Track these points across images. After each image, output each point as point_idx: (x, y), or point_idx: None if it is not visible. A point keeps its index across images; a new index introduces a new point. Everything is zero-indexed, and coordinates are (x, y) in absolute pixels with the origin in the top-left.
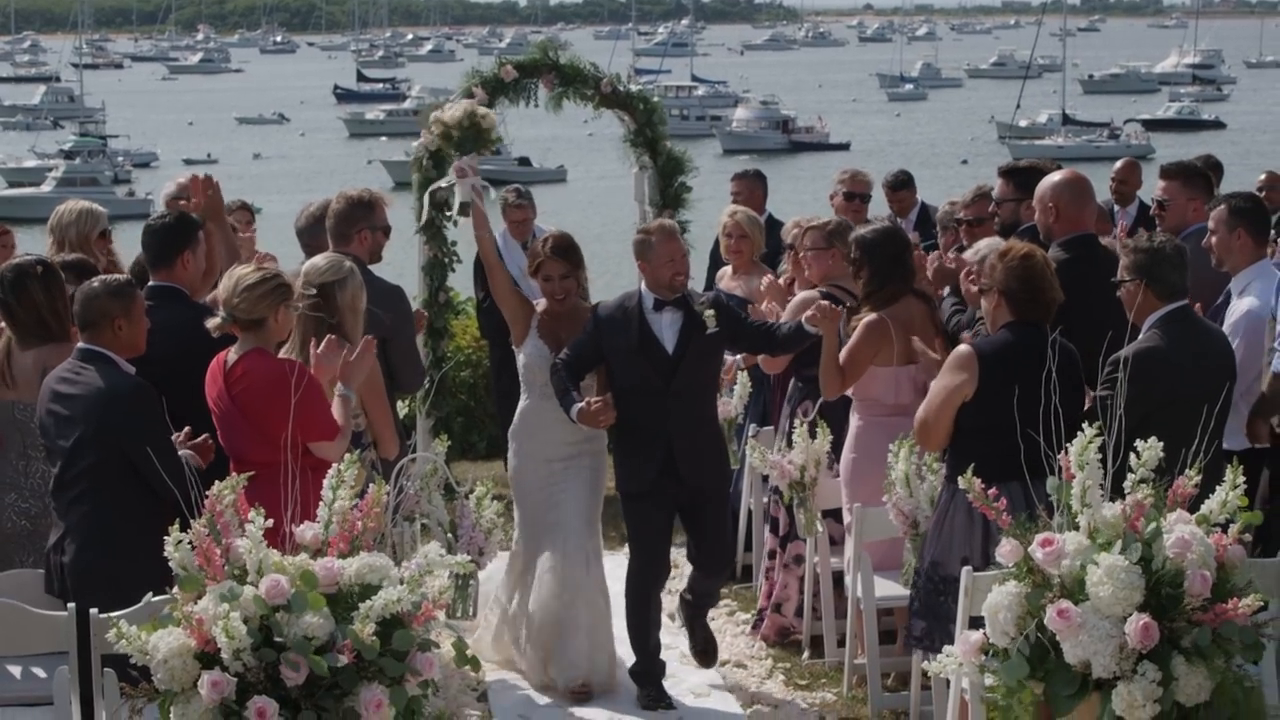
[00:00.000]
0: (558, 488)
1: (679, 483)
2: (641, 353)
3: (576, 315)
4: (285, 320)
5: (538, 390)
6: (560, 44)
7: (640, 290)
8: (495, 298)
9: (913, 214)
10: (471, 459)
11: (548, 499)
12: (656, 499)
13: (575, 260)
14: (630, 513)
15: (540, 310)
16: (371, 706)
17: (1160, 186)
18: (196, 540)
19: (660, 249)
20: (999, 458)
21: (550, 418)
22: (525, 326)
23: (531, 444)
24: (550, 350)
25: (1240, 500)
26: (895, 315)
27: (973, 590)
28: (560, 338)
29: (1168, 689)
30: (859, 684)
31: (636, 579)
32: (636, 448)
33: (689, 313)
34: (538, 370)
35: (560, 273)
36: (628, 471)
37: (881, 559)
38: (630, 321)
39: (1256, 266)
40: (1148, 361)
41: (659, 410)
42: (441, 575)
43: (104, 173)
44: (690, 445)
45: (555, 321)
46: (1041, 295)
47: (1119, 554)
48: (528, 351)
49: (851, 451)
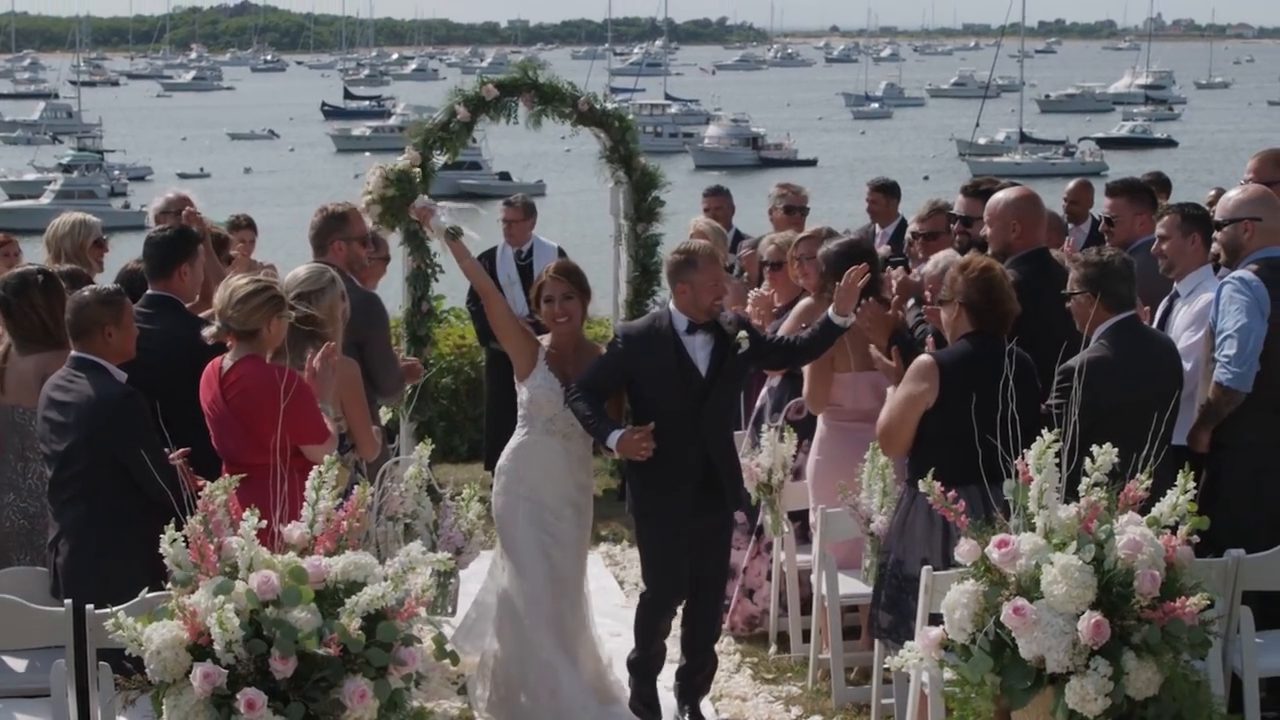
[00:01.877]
0: (548, 539)
1: (720, 501)
2: (679, 375)
3: (584, 349)
4: (278, 329)
5: (540, 425)
6: (539, 64)
7: (670, 311)
8: (494, 329)
9: (891, 226)
10: (453, 461)
11: (539, 547)
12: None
13: (577, 283)
14: (650, 535)
15: (548, 345)
16: (356, 697)
17: (1108, 204)
18: (191, 537)
19: (705, 273)
20: (958, 462)
21: (549, 456)
22: (530, 360)
23: (525, 484)
24: (561, 384)
25: (1190, 506)
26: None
27: (932, 588)
28: (569, 373)
29: (1118, 683)
30: (823, 678)
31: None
32: (672, 470)
33: (720, 335)
34: (544, 404)
35: (562, 293)
36: (659, 494)
37: (845, 558)
38: (665, 344)
39: (1204, 270)
40: (1096, 370)
41: (692, 432)
42: (423, 573)
43: (100, 186)
44: (728, 465)
45: (564, 357)
46: (1000, 307)
47: (1073, 554)
48: (534, 385)
49: (817, 454)
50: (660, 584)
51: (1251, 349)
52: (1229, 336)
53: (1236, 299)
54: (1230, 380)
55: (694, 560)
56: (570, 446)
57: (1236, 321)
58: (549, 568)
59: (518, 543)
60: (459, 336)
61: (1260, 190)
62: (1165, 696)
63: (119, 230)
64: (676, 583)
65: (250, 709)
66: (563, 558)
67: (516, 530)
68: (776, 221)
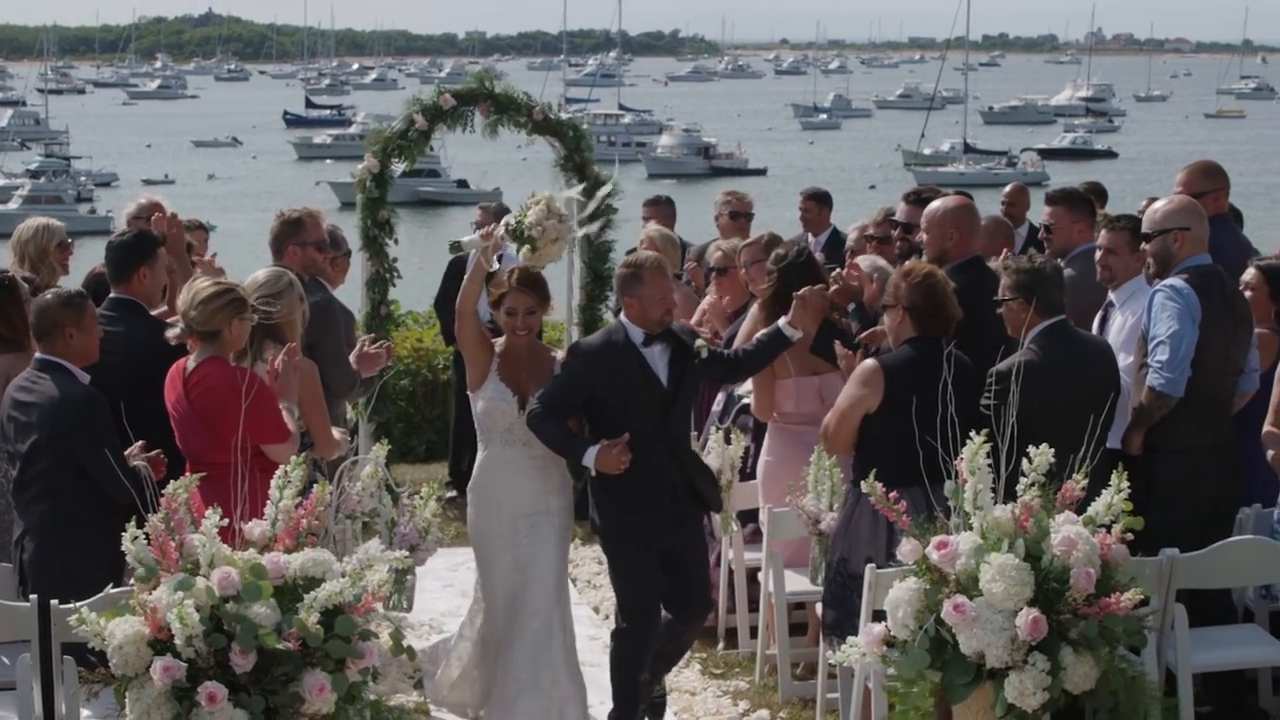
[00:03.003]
0: (523, 549)
1: (697, 507)
2: (644, 387)
3: (537, 355)
4: (240, 331)
5: (498, 438)
6: (496, 74)
7: (624, 324)
8: (459, 342)
9: (824, 235)
10: (410, 461)
11: (514, 560)
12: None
13: (542, 294)
14: (622, 559)
15: (499, 351)
16: (314, 691)
17: (1047, 211)
18: (153, 535)
19: (652, 286)
20: (901, 464)
21: (514, 467)
22: (484, 370)
23: (494, 494)
24: (512, 393)
25: (1125, 505)
26: None
27: (876, 586)
28: (521, 380)
29: (1056, 677)
30: (770, 673)
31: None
32: (645, 486)
33: (676, 344)
34: (498, 415)
35: (526, 307)
36: (631, 513)
37: (792, 556)
38: (626, 357)
39: (1138, 279)
40: (1027, 372)
41: (661, 445)
42: (381, 569)
43: (67, 192)
44: (700, 472)
45: (516, 363)
46: (943, 312)
47: (1009, 553)
48: (488, 396)
49: (766, 456)
50: (637, 615)
51: (1184, 354)
52: (1162, 342)
53: (1169, 306)
54: (1163, 385)
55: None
56: (533, 452)
57: (1169, 328)
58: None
59: (494, 563)
60: (416, 340)
61: (1186, 201)
62: (1102, 690)
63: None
64: (654, 611)
65: (211, 702)
66: (537, 573)
67: (493, 550)
68: (722, 227)
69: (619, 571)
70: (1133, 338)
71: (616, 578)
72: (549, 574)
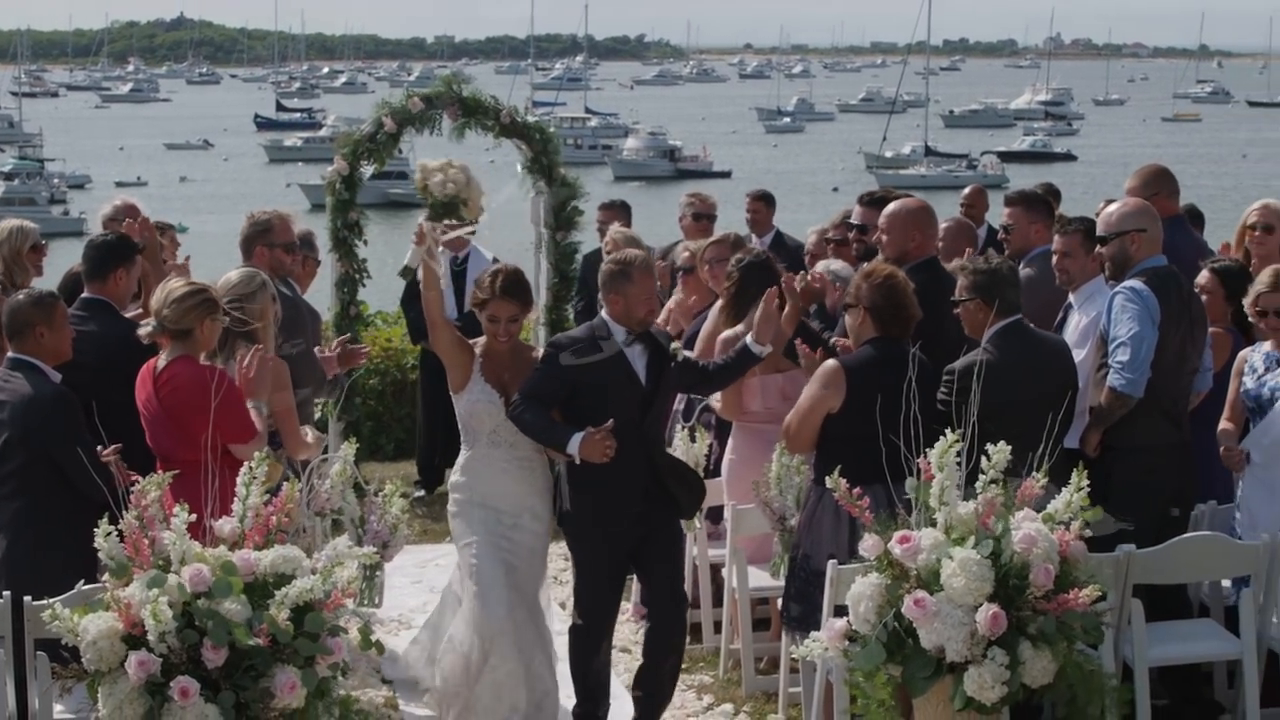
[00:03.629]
0: (506, 549)
1: (665, 507)
2: (625, 384)
3: (519, 355)
4: (211, 331)
5: (484, 439)
6: (464, 78)
7: (607, 321)
8: (436, 350)
9: (768, 236)
10: (379, 460)
11: (498, 547)
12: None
13: (525, 301)
14: (588, 556)
15: (480, 352)
16: (285, 689)
17: (1005, 213)
18: (126, 532)
19: (640, 284)
20: (863, 463)
21: (499, 467)
22: (466, 372)
23: (478, 494)
24: (498, 394)
25: (1083, 501)
26: None
27: (838, 582)
28: (505, 380)
29: (1015, 671)
30: (734, 667)
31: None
32: (619, 483)
33: (654, 346)
34: (485, 417)
35: (509, 315)
36: (603, 509)
37: (755, 552)
38: (607, 358)
39: (1097, 280)
40: (984, 370)
41: (637, 444)
42: (350, 566)
43: (41, 193)
44: (675, 473)
45: (498, 363)
46: (904, 312)
47: (971, 549)
48: (471, 397)
49: (730, 454)
50: (593, 610)
51: (1144, 356)
52: (1122, 344)
53: (1129, 308)
54: (1124, 385)
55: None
56: (517, 453)
57: (1129, 329)
58: (508, 577)
59: (477, 556)
60: (385, 339)
61: (1139, 203)
62: (1060, 683)
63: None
64: (611, 608)
65: (183, 697)
66: (521, 567)
67: (474, 543)
68: (686, 229)
69: (582, 567)
70: (1087, 334)
71: (579, 572)
72: (533, 575)
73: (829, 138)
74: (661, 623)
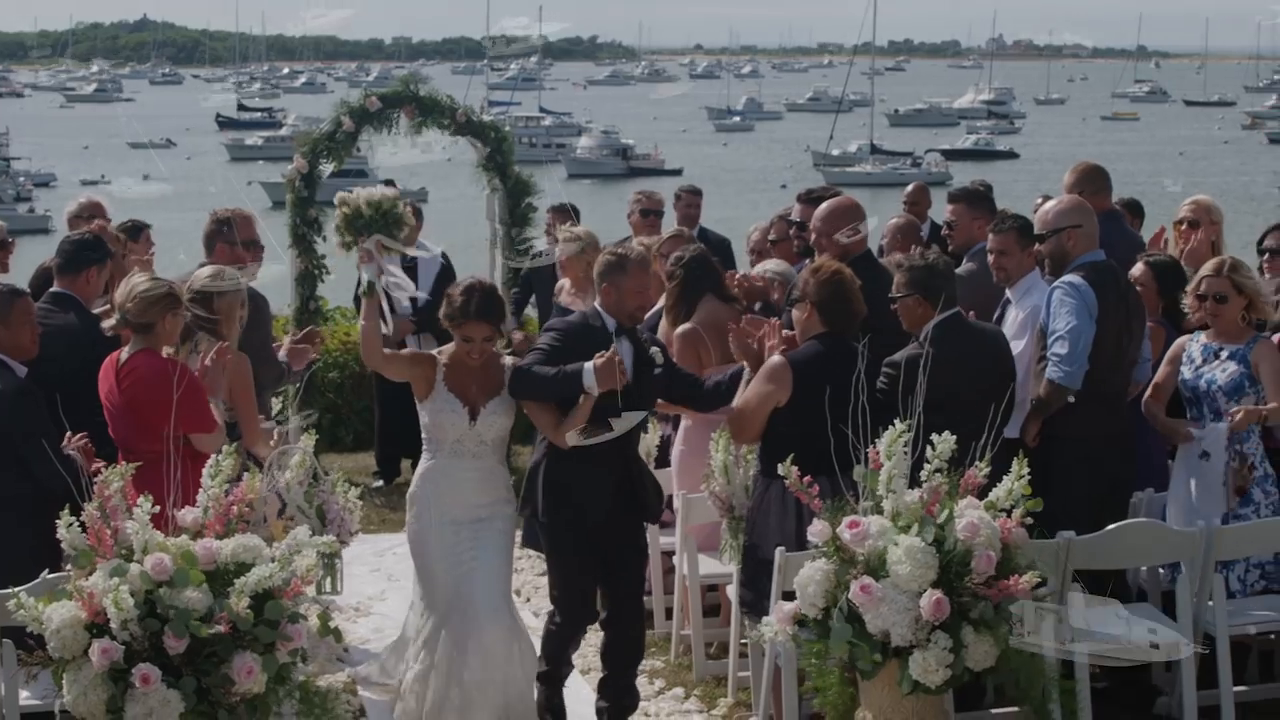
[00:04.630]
0: (467, 554)
1: (637, 510)
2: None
3: (488, 364)
4: (173, 326)
5: (447, 449)
6: (421, 78)
7: (600, 312)
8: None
9: (695, 230)
10: (338, 451)
11: (455, 565)
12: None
13: (500, 319)
14: (562, 552)
15: (445, 361)
16: (244, 672)
17: (948, 209)
18: (89, 522)
19: (635, 278)
20: (809, 455)
21: (459, 478)
22: (428, 382)
23: (437, 506)
24: (462, 404)
25: (1024, 489)
26: (704, 321)
27: (786, 568)
28: (471, 391)
29: (958, 655)
30: (685, 653)
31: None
32: (593, 475)
33: (638, 345)
34: (448, 427)
35: (484, 335)
36: (577, 503)
37: (705, 540)
38: (602, 343)
39: (1033, 274)
40: (921, 363)
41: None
42: (309, 554)
43: (6, 192)
44: (646, 476)
45: (464, 373)
46: (849, 308)
47: (916, 536)
48: (435, 407)
49: (681, 445)
50: (572, 609)
51: (1082, 349)
52: (1060, 337)
53: (1067, 302)
54: (1062, 378)
55: (612, 575)
56: (482, 465)
57: (1068, 323)
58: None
59: (435, 573)
60: (344, 334)
61: (1075, 200)
62: (1002, 666)
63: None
64: (589, 606)
65: (145, 683)
66: (484, 581)
67: (432, 560)
68: (635, 224)
69: (557, 565)
70: (1025, 327)
71: (552, 570)
72: (495, 582)
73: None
74: (620, 636)
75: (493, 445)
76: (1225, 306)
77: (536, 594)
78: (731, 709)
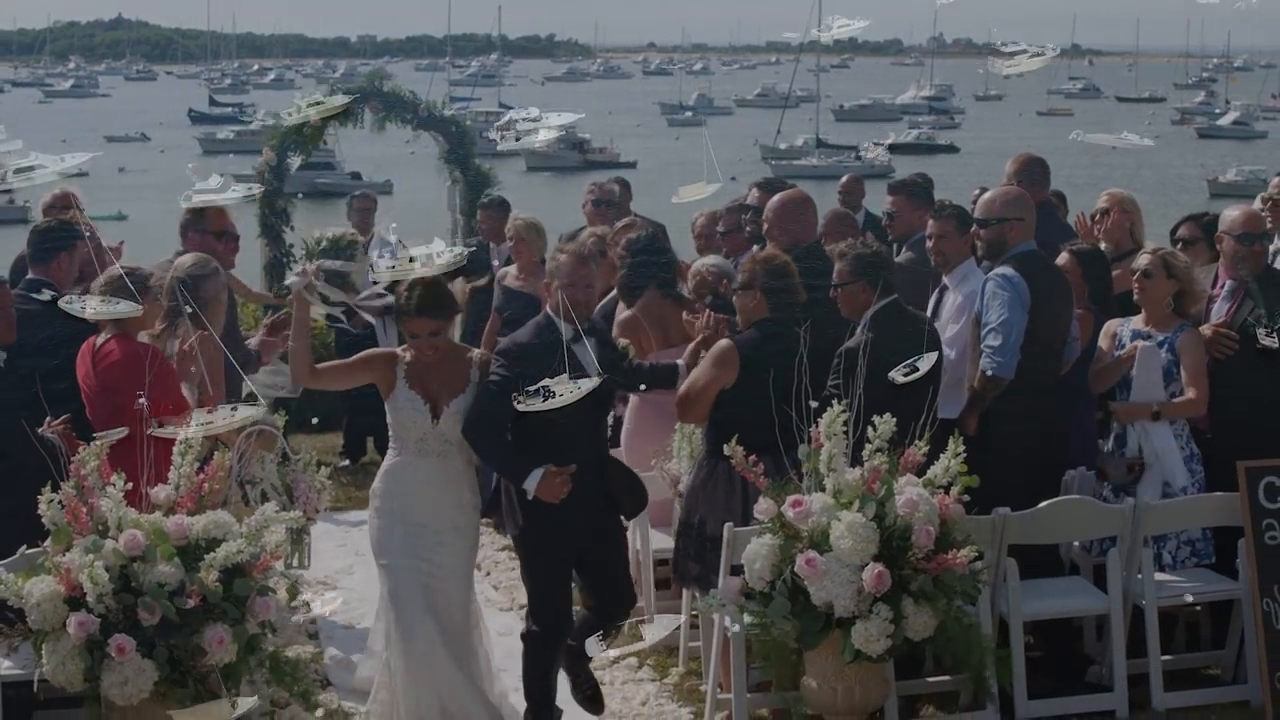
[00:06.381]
0: (431, 561)
1: (611, 507)
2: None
3: (449, 359)
4: (150, 312)
5: (411, 447)
6: (385, 75)
7: (553, 320)
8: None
9: None
10: (307, 432)
11: (416, 569)
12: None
13: (443, 315)
14: (538, 564)
15: (406, 361)
16: (214, 643)
17: (889, 200)
18: (65, 500)
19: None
20: (754, 434)
21: (425, 477)
22: (388, 381)
23: (399, 503)
24: (424, 402)
25: (960, 467)
26: (644, 310)
27: (734, 543)
28: (433, 389)
29: (899, 626)
30: (637, 624)
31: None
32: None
33: (603, 341)
34: (411, 425)
35: (429, 330)
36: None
37: (656, 515)
38: (558, 354)
39: (969, 262)
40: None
41: (590, 447)
42: (278, 530)
43: None
44: (618, 469)
45: (424, 371)
46: (792, 295)
47: (857, 512)
48: (397, 405)
49: (629, 425)
50: (547, 618)
51: (1014, 340)
52: (993, 329)
53: (1000, 294)
54: (996, 369)
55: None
56: (448, 465)
57: (1000, 316)
58: (428, 599)
59: (395, 573)
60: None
61: (1017, 191)
62: (940, 637)
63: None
64: (564, 613)
65: (120, 653)
66: (444, 586)
67: (392, 559)
68: (588, 215)
69: (532, 575)
70: (962, 311)
71: (529, 580)
72: (457, 597)
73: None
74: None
75: (458, 445)
76: (1151, 283)
77: (496, 568)
78: (683, 678)
